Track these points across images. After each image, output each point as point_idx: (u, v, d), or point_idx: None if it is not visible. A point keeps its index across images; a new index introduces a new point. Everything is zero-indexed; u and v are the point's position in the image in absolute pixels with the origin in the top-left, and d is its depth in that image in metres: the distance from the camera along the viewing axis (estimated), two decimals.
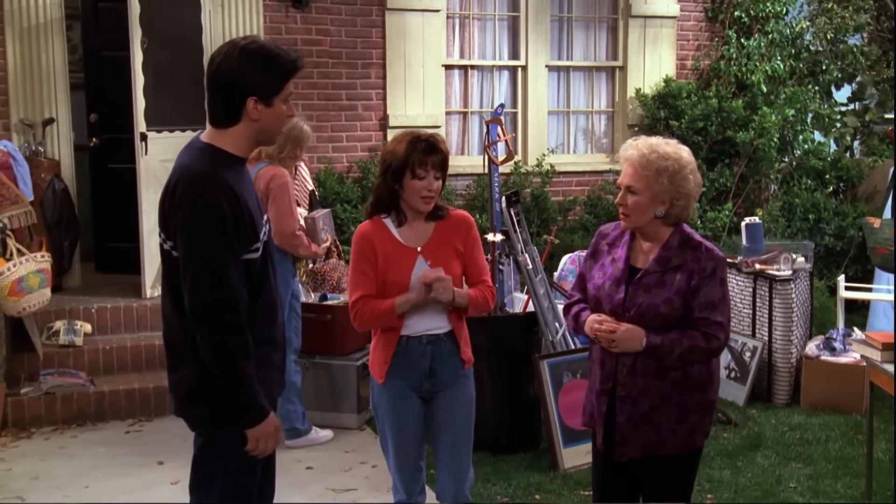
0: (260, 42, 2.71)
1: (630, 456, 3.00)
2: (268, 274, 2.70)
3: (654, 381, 2.95)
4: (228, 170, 2.62)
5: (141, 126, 6.13)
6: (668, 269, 2.94)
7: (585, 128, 8.20)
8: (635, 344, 2.89)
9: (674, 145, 2.99)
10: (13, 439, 5.17)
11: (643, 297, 2.94)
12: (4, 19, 6.31)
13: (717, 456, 4.84)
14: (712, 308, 2.91)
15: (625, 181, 2.97)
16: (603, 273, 3.06)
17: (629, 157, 2.97)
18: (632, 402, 2.97)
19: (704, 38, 8.24)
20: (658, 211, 2.94)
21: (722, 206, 7.73)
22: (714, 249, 2.97)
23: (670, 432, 2.97)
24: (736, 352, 5.86)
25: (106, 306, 6.03)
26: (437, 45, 7.38)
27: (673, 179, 2.92)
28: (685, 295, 2.91)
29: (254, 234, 2.62)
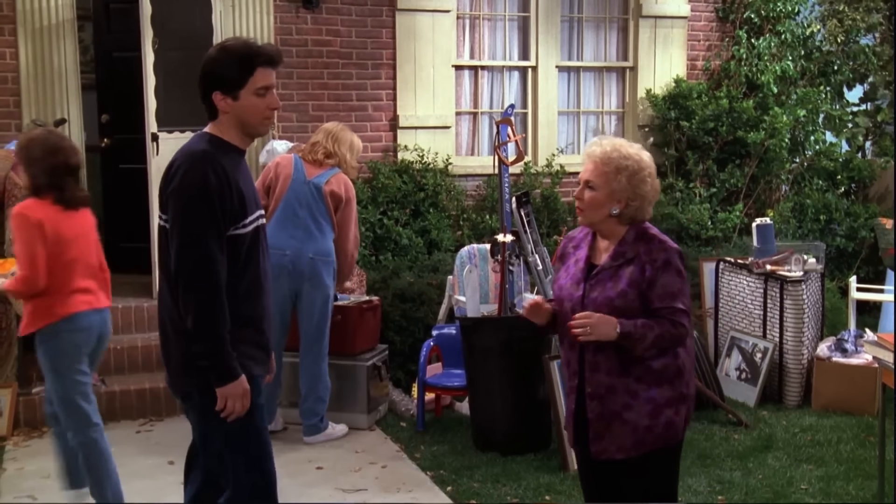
0: (237, 41, 2.95)
1: (608, 455, 3.01)
2: (255, 255, 2.92)
3: (618, 377, 2.97)
4: (223, 154, 2.88)
5: (152, 126, 6.15)
6: (623, 263, 2.99)
7: (596, 128, 8.18)
8: (609, 330, 2.88)
9: (637, 148, 3.07)
10: (25, 438, 5.20)
11: (599, 292, 2.98)
12: (17, 20, 6.34)
13: (727, 457, 4.83)
14: (672, 297, 2.94)
15: (584, 176, 3.04)
16: (567, 274, 3.12)
17: (592, 154, 3.04)
18: (599, 399, 2.99)
19: (715, 39, 8.22)
20: (613, 209, 3.00)
21: (733, 207, 7.71)
22: (667, 241, 3.02)
23: (646, 430, 2.97)
24: (747, 353, 5.84)
25: (117, 306, 6.03)
26: (447, 45, 7.38)
27: (631, 179, 2.99)
28: (639, 286, 2.94)
29: (242, 212, 2.86)
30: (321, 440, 5.10)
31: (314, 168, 5.03)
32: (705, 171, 7.80)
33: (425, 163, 7.15)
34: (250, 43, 2.95)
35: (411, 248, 6.73)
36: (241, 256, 2.88)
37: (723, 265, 6.26)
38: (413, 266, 6.56)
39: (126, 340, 5.89)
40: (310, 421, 5.07)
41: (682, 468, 4.62)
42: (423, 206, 6.97)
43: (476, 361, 4.94)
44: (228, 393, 2.84)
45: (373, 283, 6.19)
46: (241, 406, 2.87)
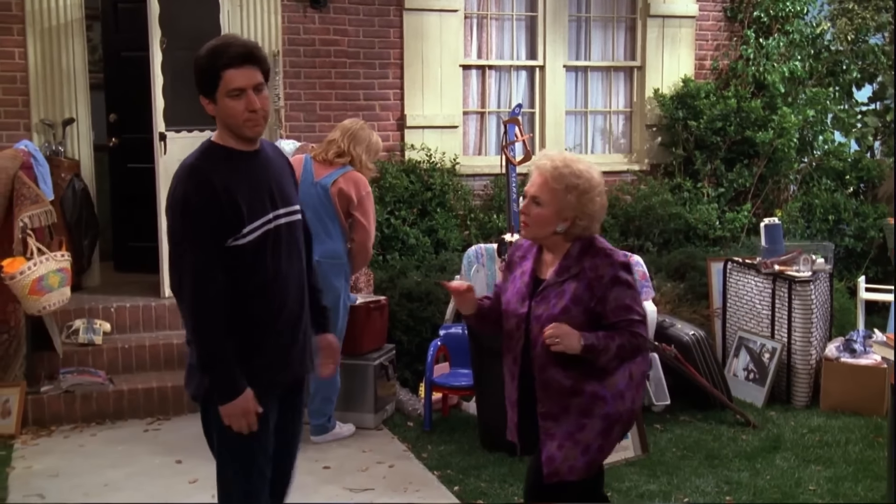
0: (210, 42, 2.82)
1: (560, 478, 2.95)
2: (264, 260, 2.82)
3: (572, 397, 2.93)
4: (220, 161, 2.81)
5: (160, 126, 6.16)
6: (568, 279, 2.94)
7: (603, 128, 8.17)
8: (574, 342, 2.83)
9: (587, 164, 3.01)
10: (34, 437, 5.21)
11: (543, 309, 2.94)
12: (25, 20, 6.35)
13: (735, 458, 4.82)
14: (627, 310, 2.91)
15: (532, 190, 2.98)
16: (513, 287, 3.07)
17: (542, 168, 2.97)
18: (554, 419, 2.95)
19: (723, 38, 8.20)
20: (559, 227, 2.94)
21: (741, 207, 7.69)
22: (613, 254, 2.96)
23: (598, 449, 2.95)
24: (755, 353, 5.83)
25: (125, 305, 6.06)
26: (454, 45, 7.38)
27: (581, 198, 2.92)
28: (583, 303, 2.90)
29: (239, 222, 2.76)
30: (328, 440, 5.10)
31: (323, 168, 5.00)
32: (713, 171, 7.78)
33: (433, 162, 7.14)
34: (218, 44, 2.81)
35: (418, 248, 6.73)
36: (246, 263, 2.80)
37: (731, 265, 6.24)
38: (420, 266, 6.56)
39: (134, 339, 5.90)
40: (317, 421, 5.07)
41: (690, 468, 4.66)
42: (430, 205, 6.97)
43: (483, 361, 4.93)
44: (229, 412, 2.77)
45: (380, 283, 6.20)
46: (241, 424, 2.78)
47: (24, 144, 5.90)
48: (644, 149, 8.04)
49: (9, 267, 5.17)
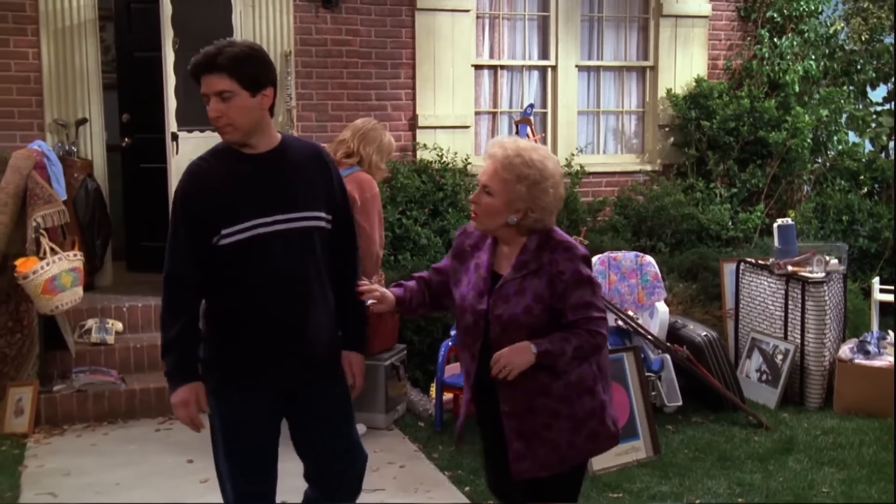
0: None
1: (531, 475, 2.89)
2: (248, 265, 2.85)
3: (539, 397, 2.85)
4: (220, 162, 2.90)
5: (172, 126, 6.18)
6: (527, 275, 2.83)
7: (615, 128, 8.15)
8: (526, 356, 2.74)
9: (542, 153, 2.86)
10: (46, 436, 5.23)
11: (503, 307, 2.83)
12: (39, 21, 6.38)
13: (747, 459, 4.79)
14: (587, 307, 2.80)
15: (483, 179, 2.87)
16: (468, 280, 2.95)
17: (493, 156, 2.85)
18: (518, 417, 2.87)
19: (737, 38, 8.16)
20: (510, 218, 2.84)
21: (754, 208, 7.65)
22: (574, 248, 2.85)
23: (568, 445, 2.88)
24: (767, 354, 5.80)
25: (137, 305, 6.08)
26: (466, 45, 7.37)
27: (532, 189, 2.81)
28: (545, 300, 2.81)
29: (227, 220, 2.82)
30: None
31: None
32: (726, 172, 7.75)
33: (444, 162, 7.14)
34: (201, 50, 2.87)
35: (430, 248, 6.72)
36: (232, 262, 2.86)
37: (743, 266, 6.21)
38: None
39: (146, 339, 5.91)
40: None
41: (702, 470, 4.64)
42: (441, 205, 6.96)
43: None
44: (172, 399, 2.93)
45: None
46: (183, 415, 2.92)
47: (37, 144, 5.93)
48: (656, 149, 8.01)
49: (22, 266, 5.19)
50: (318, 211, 2.96)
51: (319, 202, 2.97)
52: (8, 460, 4.86)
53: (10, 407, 5.26)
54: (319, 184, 2.99)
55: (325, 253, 2.99)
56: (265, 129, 2.91)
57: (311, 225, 2.94)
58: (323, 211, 2.97)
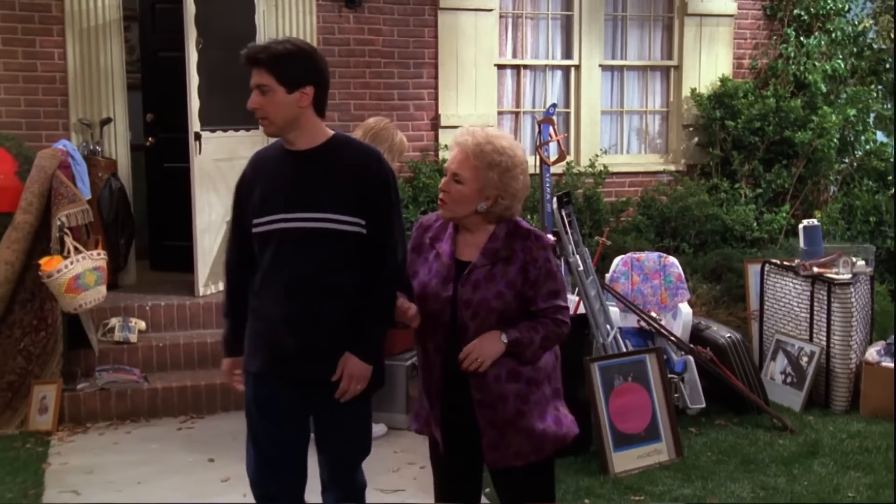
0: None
1: (506, 464, 2.90)
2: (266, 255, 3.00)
3: (509, 383, 2.85)
4: (269, 155, 3.09)
5: (195, 126, 6.19)
6: (497, 261, 2.85)
7: (639, 128, 8.10)
8: (496, 345, 2.78)
9: (510, 140, 2.89)
10: (69, 434, 5.26)
11: (472, 293, 2.83)
12: (65, 21, 6.43)
13: (771, 463, 4.74)
14: (555, 296, 2.86)
15: (453, 167, 2.87)
16: (428, 269, 2.93)
17: (463, 144, 2.86)
18: (490, 406, 2.86)
19: (762, 37, 8.09)
20: (480, 206, 2.85)
21: (779, 208, 7.58)
22: (542, 237, 2.89)
23: (541, 433, 2.88)
24: (792, 356, 5.74)
25: (160, 304, 6.10)
26: (489, 44, 7.35)
27: (503, 176, 2.83)
28: (518, 287, 2.83)
29: (258, 211, 2.99)
30: None
31: None
32: (751, 172, 7.68)
33: None
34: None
35: None
36: (259, 251, 3.04)
37: (768, 267, 6.15)
38: None
39: (168, 338, 5.93)
40: None
41: (725, 473, 4.60)
42: None
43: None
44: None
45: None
46: (227, 379, 3.20)
47: (62, 144, 5.96)
48: (680, 149, 7.96)
49: (46, 265, 5.22)
50: (342, 214, 2.95)
51: (347, 206, 2.96)
52: (32, 458, 4.89)
53: (35, 405, 5.29)
54: (354, 189, 2.97)
55: (346, 256, 2.98)
56: (304, 126, 2.99)
57: (329, 227, 2.95)
58: (349, 215, 2.96)
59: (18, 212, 5.43)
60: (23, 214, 5.42)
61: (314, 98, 2.97)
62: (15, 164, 5.64)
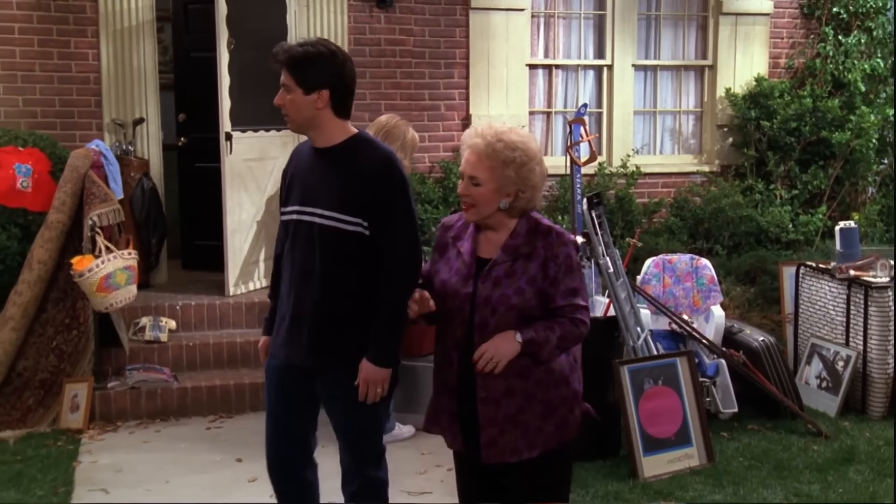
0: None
1: (501, 459, 2.87)
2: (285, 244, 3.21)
3: (517, 380, 2.82)
4: (300, 150, 3.28)
5: (226, 125, 6.21)
6: (518, 258, 2.83)
7: (672, 128, 8.02)
8: (511, 345, 2.75)
9: (520, 134, 2.87)
10: (100, 432, 5.29)
11: (493, 289, 2.81)
12: (99, 22, 6.48)
13: (805, 469, 4.65)
14: (574, 294, 2.83)
15: (468, 170, 2.84)
16: (449, 268, 2.93)
17: (474, 146, 2.83)
18: (494, 403, 2.84)
19: (799, 36, 7.97)
20: (502, 203, 2.83)
21: (815, 210, 7.47)
22: (564, 233, 2.87)
23: (537, 430, 2.85)
24: (828, 361, 5.64)
25: (190, 303, 6.13)
26: (521, 44, 7.31)
27: (520, 171, 2.81)
28: (539, 284, 2.80)
29: (284, 201, 3.22)
30: (387, 441, 5.05)
31: None
32: (787, 173, 7.57)
33: None
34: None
35: None
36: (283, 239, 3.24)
37: (803, 270, 6.05)
38: None
39: (198, 337, 5.96)
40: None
41: (758, 479, 4.52)
42: None
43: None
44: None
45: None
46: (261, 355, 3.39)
47: (95, 144, 6.01)
48: (714, 149, 7.87)
49: (78, 264, 5.26)
50: (347, 215, 3.04)
51: (349, 206, 3.04)
52: (63, 456, 4.93)
53: (67, 403, 5.34)
54: (361, 190, 3.04)
55: (348, 255, 3.07)
56: (321, 126, 3.10)
57: (329, 224, 3.06)
58: (355, 216, 3.04)
59: (51, 211, 5.48)
60: (56, 214, 5.47)
61: (331, 100, 3.06)
62: (49, 163, 5.69)
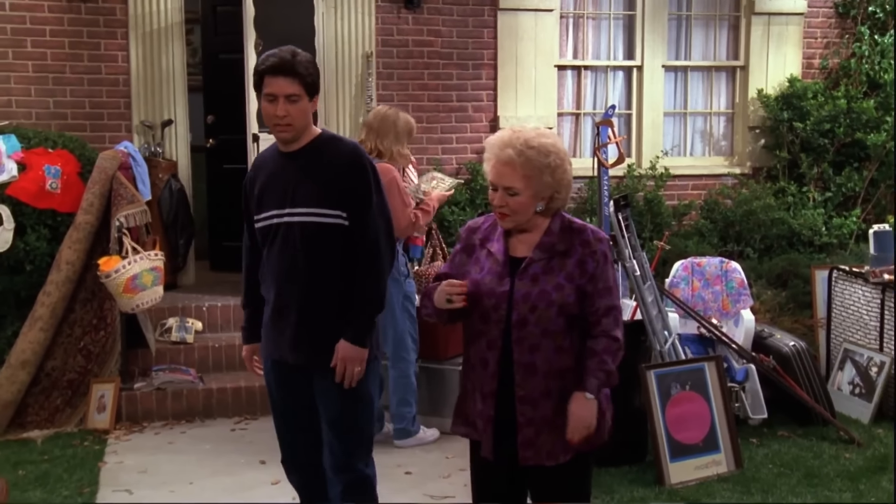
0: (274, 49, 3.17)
1: (537, 462, 2.84)
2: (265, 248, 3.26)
3: (555, 380, 2.81)
4: (266, 156, 3.32)
5: (253, 127, 6.23)
6: (554, 255, 2.83)
7: (703, 130, 7.92)
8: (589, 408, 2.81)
9: (547, 135, 2.85)
10: (126, 432, 5.32)
11: (531, 286, 2.79)
12: (129, 24, 6.52)
13: (836, 477, 4.56)
14: (609, 293, 2.84)
15: (502, 182, 2.79)
16: (480, 268, 2.88)
17: (505, 157, 2.77)
18: (532, 403, 2.81)
19: (834, 36, 7.84)
20: (538, 207, 2.83)
21: (849, 213, 7.34)
22: (598, 231, 2.89)
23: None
24: (861, 366, 5.53)
25: (217, 305, 6.14)
26: (549, 45, 7.25)
27: (555, 174, 2.81)
28: (577, 280, 2.80)
29: (258, 208, 3.24)
30: (411, 444, 5.04)
31: None
32: (820, 175, 7.45)
33: None
34: (277, 50, 3.15)
35: None
36: (261, 246, 3.30)
37: (836, 273, 5.94)
38: None
39: (224, 339, 5.97)
40: (399, 424, 5.02)
41: (787, 487, 4.44)
42: None
43: None
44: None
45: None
46: (247, 365, 3.50)
47: (124, 146, 6.05)
48: (746, 151, 7.76)
49: (104, 265, 5.29)
50: (327, 209, 3.17)
51: (331, 201, 3.17)
52: (89, 456, 4.96)
53: (94, 403, 5.37)
54: (337, 183, 3.18)
55: (332, 248, 3.20)
56: (308, 130, 3.23)
57: (316, 221, 3.17)
58: (334, 209, 3.17)
59: (80, 212, 5.51)
60: (84, 215, 5.50)
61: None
62: (78, 165, 5.72)
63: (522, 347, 2.80)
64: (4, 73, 6.37)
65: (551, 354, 2.80)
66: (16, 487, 4.48)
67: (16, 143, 5.54)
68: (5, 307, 5.57)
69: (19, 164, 5.49)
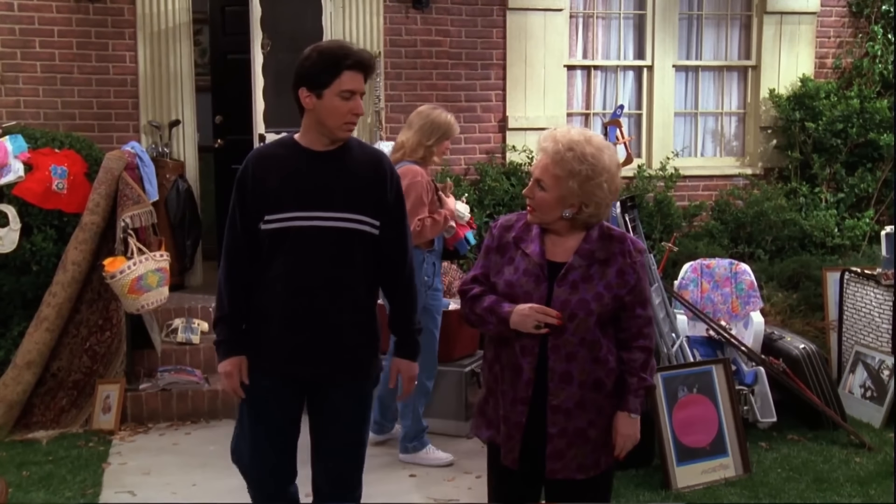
0: (333, 42, 3.09)
1: (566, 475, 2.79)
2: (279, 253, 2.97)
3: (589, 391, 2.75)
4: (278, 153, 3.04)
5: (260, 127, 6.21)
6: (594, 263, 2.77)
7: (714, 130, 7.85)
8: (633, 426, 2.80)
9: (596, 145, 2.74)
10: (131, 433, 5.30)
11: (571, 293, 2.73)
12: (136, 24, 6.51)
13: (846, 482, 4.50)
14: (644, 304, 2.80)
15: (536, 172, 2.78)
16: (514, 269, 2.82)
17: (545, 149, 2.77)
18: (565, 413, 2.75)
19: (847, 35, 7.77)
20: (565, 213, 2.76)
21: (862, 214, 7.27)
22: (637, 241, 2.84)
23: (603, 446, 2.80)
24: (873, 369, 5.46)
25: None
26: (559, 45, 7.21)
27: (584, 185, 2.71)
28: (615, 290, 2.75)
29: (272, 207, 2.96)
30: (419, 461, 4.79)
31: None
32: (832, 176, 7.38)
33: None
34: (344, 45, 3.02)
35: None
36: (266, 249, 3.00)
37: (848, 275, 5.87)
38: None
39: None
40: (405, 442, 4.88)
41: (796, 491, 4.39)
42: None
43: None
44: (219, 369, 3.10)
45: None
46: (227, 384, 3.10)
47: (131, 146, 6.03)
48: (757, 152, 7.69)
49: (110, 266, 5.28)
50: (361, 215, 3.01)
51: (366, 207, 3.02)
52: (93, 457, 4.94)
53: (99, 404, 5.36)
54: (370, 190, 3.04)
55: (366, 256, 3.04)
56: None
57: (349, 227, 3.00)
58: (368, 216, 3.02)
59: (86, 213, 5.50)
60: (90, 215, 5.49)
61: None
62: (84, 165, 5.72)
63: (559, 355, 2.74)
64: (13, 74, 6.38)
65: (588, 364, 2.75)
66: (19, 489, 4.48)
67: (22, 143, 5.54)
68: (11, 308, 5.58)
69: (26, 164, 5.49)
